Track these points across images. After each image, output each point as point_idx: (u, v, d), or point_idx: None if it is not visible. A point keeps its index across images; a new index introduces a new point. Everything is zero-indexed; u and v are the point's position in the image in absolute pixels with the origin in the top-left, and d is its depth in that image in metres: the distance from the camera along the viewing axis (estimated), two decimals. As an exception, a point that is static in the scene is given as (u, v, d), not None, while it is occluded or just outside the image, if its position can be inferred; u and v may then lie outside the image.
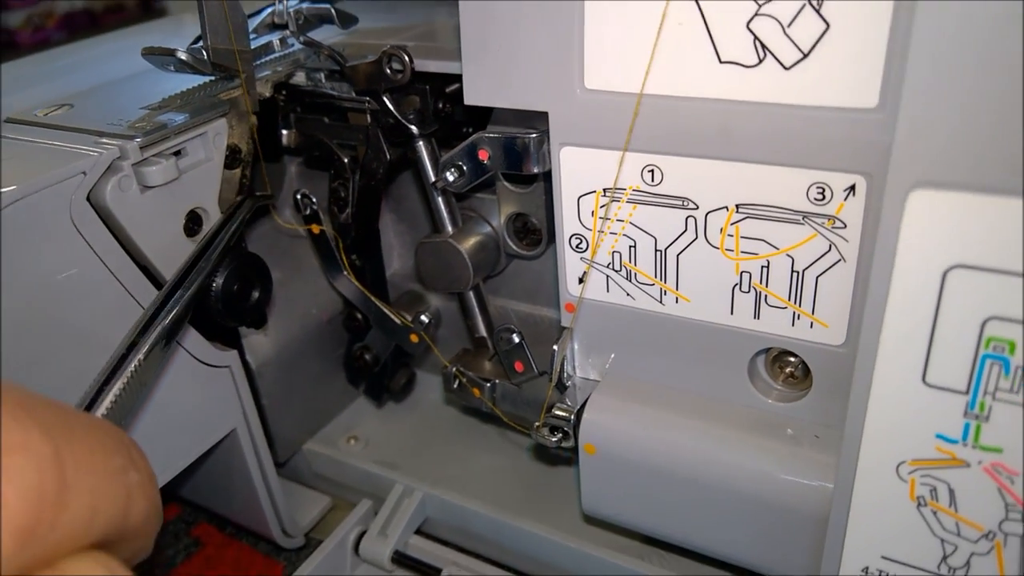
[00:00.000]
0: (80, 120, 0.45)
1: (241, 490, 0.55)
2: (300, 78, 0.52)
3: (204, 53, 0.43)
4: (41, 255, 0.39)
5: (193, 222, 0.45)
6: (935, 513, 0.35)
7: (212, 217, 0.46)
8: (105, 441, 0.20)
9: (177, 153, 0.43)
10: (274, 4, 0.51)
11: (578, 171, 0.42)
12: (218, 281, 0.45)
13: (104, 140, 0.41)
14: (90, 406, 0.36)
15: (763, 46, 0.34)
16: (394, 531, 0.54)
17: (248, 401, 0.51)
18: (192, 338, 0.47)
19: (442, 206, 0.52)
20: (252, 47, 0.47)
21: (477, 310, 0.55)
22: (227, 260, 0.45)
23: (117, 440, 0.21)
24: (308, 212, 0.53)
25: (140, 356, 0.37)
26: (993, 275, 0.30)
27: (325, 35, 0.54)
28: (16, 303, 0.38)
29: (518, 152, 0.45)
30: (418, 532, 0.57)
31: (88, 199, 0.40)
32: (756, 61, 0.35)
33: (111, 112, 0.45)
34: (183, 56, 0.43)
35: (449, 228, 0.52)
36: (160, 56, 0.43)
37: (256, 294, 0.48)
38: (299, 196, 0.53)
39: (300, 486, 0.63)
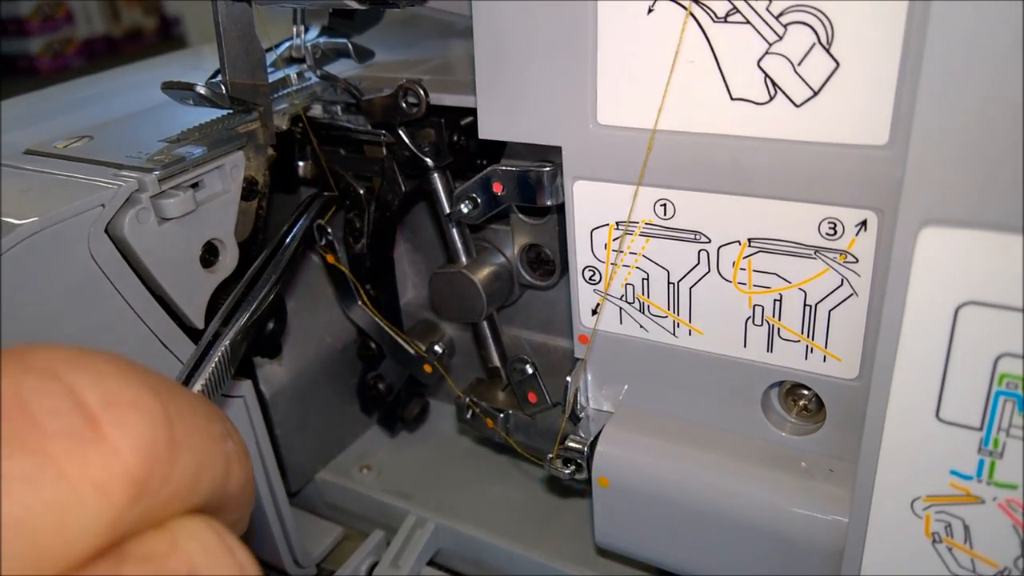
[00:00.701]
0: (100, 152, 0.45)
1: (253, 520, 0.55)
2: (317, 110, 0.53)
3: (223, 87, 0.44)
4: (59, 286, 0.39)
5: (210, 253, 0.45)
6: (950, 550, 0.35)
7: (228, 248, 0.46)
8: (206, 408, 0.21)
9: (195, 185, 0.44)
10: (292, 38, 0.51)
11: (591, 205, 0.42)
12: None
13: (123, 172, 0.42)
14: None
15: (774, 84, 0.35)
16: (406, 562, 0.54)
17: (261, 431, 0.52)
18: (207, 368, 0.47)
19: (456, 237, 0.52)
20: (270, 81, 0.48)
21: (491, 340, 0.55)
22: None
23: (214, 409, 0.22)
24: (324, 242, 0.53)
25: (225, 345, 0.39)
26: (1005, 312, 0.30)
27: (342, 68, 0.55)
28: (34, 334, 0.39)
29: (532, 185, 0.45)
30: (431, 563, 0.57)
31: (106, 231, 0.40)
32: (767, 98, 0.35)
33: (130, 144, 0.46)
34: (202, 90, 0.44)
35: (463, 259, 0.53)
36: (180, 90, 0.44)
37: (271, 325, 0.48)
38: (315, 227, 0.54)
39: (312, 516, 0.63)
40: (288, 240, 0.48)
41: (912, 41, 0.31)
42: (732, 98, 0.36)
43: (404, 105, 0.48)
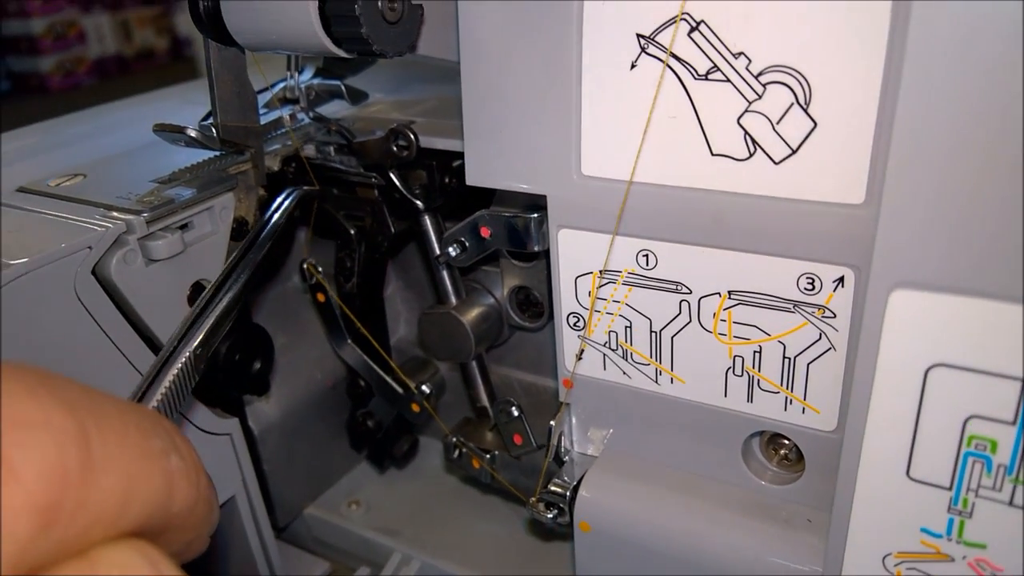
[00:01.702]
0: (91, 192, 0.46)
1: (239, 556, 0.55)
2: (310, 150, 0.53)
3: (213, 130, 0.45)
4: (46, 327, 0.40)
5: (197, 293, 0.46)
6: (922, 607, 0.35)
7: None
8: (141, 422, 0.19)
9: (184, 226, 0.45)
10: (286, 79, 0.52)
11: (576, 253, 0.42)
12: (221, 350, 0.46)
13: (112, 214, 0.42)
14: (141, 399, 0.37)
15: (753, 141, 0.35)
16: (391, 600, 0.54)
17: (248, 468, 0.52)
18: (193, 406, 0.48)
19: (446, 278, 0.53)
20: (262, 122, 0.48)
21: (479, 380, 0.56)
22: (230, 331, 0.46)
23: (154, 422, 0.20)
24: (314, 281, 0.54)
25: (188, 354, 0.38)
26: (974, 375, 0.30)
27: (336, 109, 0.55)
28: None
29: (518, 231, 0.46)
30: (415, 600, 0.57)
31: (93, 272, 0.41)
32: (747, 155, 0.36)
33: (122, 184, 0.46)
34: (193, 133, 0.44)
35: (452, 299, 0.53)
36: (171, 133, 0.45)
37: (258, 364, 0.49)
38: (305, 266, 0.54)
39: (300, 550, 0.63)
40: (262, 236, 0.45)
41: (888, 104, 0.31)
42: (713, 154, 0.36)
43: (395, 148, 0.49)
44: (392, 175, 0.50)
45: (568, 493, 0.46)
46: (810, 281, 0.36)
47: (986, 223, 0.29)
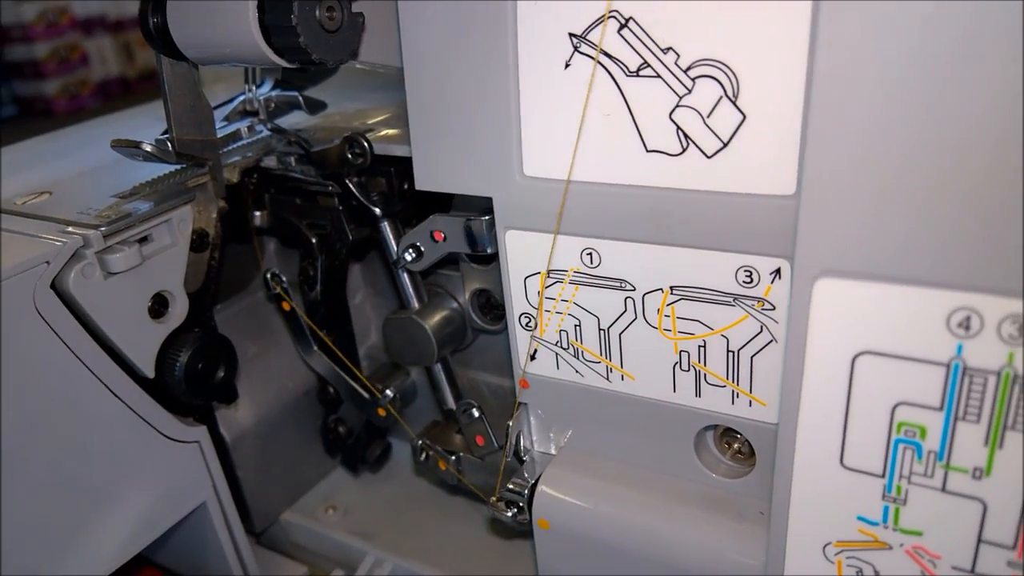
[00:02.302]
0: (54, 209, 0.47)
1: (215, 560, 0.55)
2: (272, 161, 0.54)
3: (169, 144, 0.46)
4: (8, 341, 0.40)
5: (159, 304, 0.47)
6: (864, 595, 0.35)
7: (178, 299, 0.47)
8: None
9: (143, 239, 0.45)
10: (245, 92, 0.53)
11: (523, 253, 0.43)
12: (182, 360, 0.47)
13: (70, 229, 0.43)
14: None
15: (686, 136, 0.36)
16: (363, 602, 0.55)
17: (218, 475, 0.52)
18: (158, 415, 0.48)
19: (407, 283, 0.53)
20: (221, 135, 0.49)
21: (445, 383, 0.56)
22: (192, 341, 0.47)
23: None
24: (278, 290, 0.55)
25: None
26: (900, 361, 0.31)
27: (298, 120, 0.56)
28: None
29: (472, 234, 0.46)
30: (389, 603, 0.57)
31: (53, 286, 0.42)
32: (680, 150, 0.36)
33: (84, 200, 0.47)
34: (148, 148, 0.45)
35: (415, 304, 0.53)
36: (127, 148, 0.46)
37: (221, 373, 0.49)
38: (269, 275, 0.55)
39: (278, 555, 0.63)
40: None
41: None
42: (647, 150, 0.37)
43: (350, 156, 0.49)
44: (349, 183, 0.50)
45: (526, 491, 0.47)
46: (748, 274, 0.37)
47: (905, 211, 0.29)
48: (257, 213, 0.55)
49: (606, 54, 0.36)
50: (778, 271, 0.36)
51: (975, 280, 0.28)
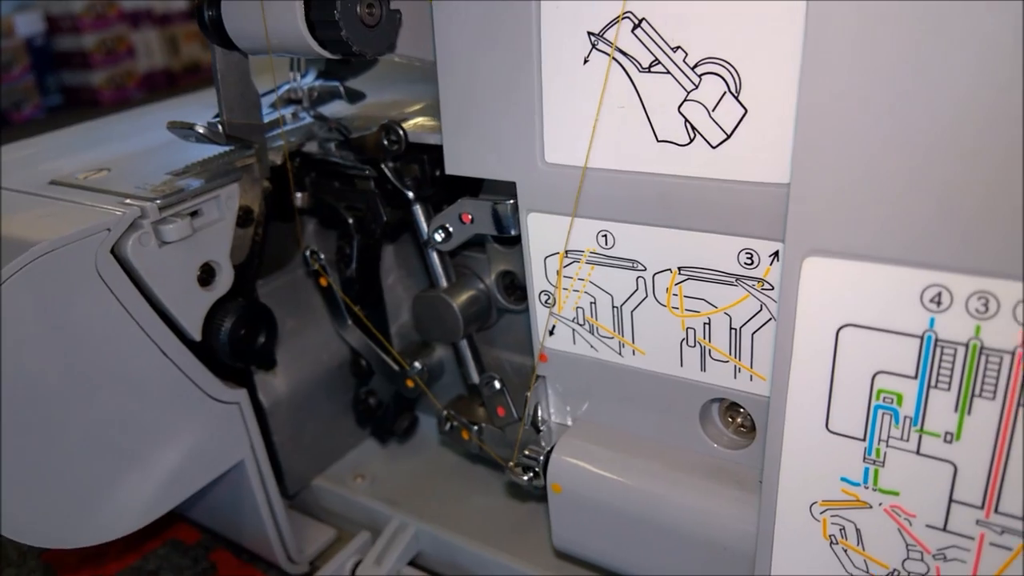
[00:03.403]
0: (113, 183, 0.51)
1: (250, 518, 0.60)
2: (313, 147, 0.58)
3: (220, 127, 0.50)
4: (72, 301, 0.45)
5: (207, 273, 0.51)
6: (846, 551, 0.38)
7: (224, 269, 0.51)
8: None
9: (194, 213, 0.49)
10: (290, 82, 0.57)
11: (543, 234, 0.46)
12: (226, 325, 0.51)
13: (129, 201, 0.47)
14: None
15: (693, 127, 0.39)
16: (387, 561, 0.58)
17: (256, 436, 0.57)
18: (203, 376, 0.52)
19: (436, 263, 0.57)
20: (266, 120, 0.53)
21: (470, 359, 0.59)
22: (236, 308, 0.51)
23: None
24: (316, 267, 0.58)
25: None
26: (879, 333, 0.34)
27: (338, 109, 0.60)
28: (49, 344, 0.44)
29: (498, 217, 0.49)
30: (412, 564, 0.61)
31: (113, 252, 0.46)
32: (687, 140, 0.39)
33: (141, 177, 0.51)
34: (201, 130, 0.49)
35: (443, 283, 0.57)
36: (182, 129, 0.50)
37: (262, 339, 0.53)
38: (308, 253, 0.59)
39: (309, 518, 0.68)
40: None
41: (805, 91, 0.35)
42: (658, 140, 0.40)
43: (386, 143, 0.53)
44: (385, 168, 0.54)
45: (542, 457, 0.50)
46: (749, 256, 0.40)
47: (883, 199, 0.32)
48: (299, 194, 0.59)
49: (621, 51, 0.39)
50: (776, 253, 0.39)
51: (945, 260, 0.31)
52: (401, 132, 0.52)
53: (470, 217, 0.51)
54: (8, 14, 2.57)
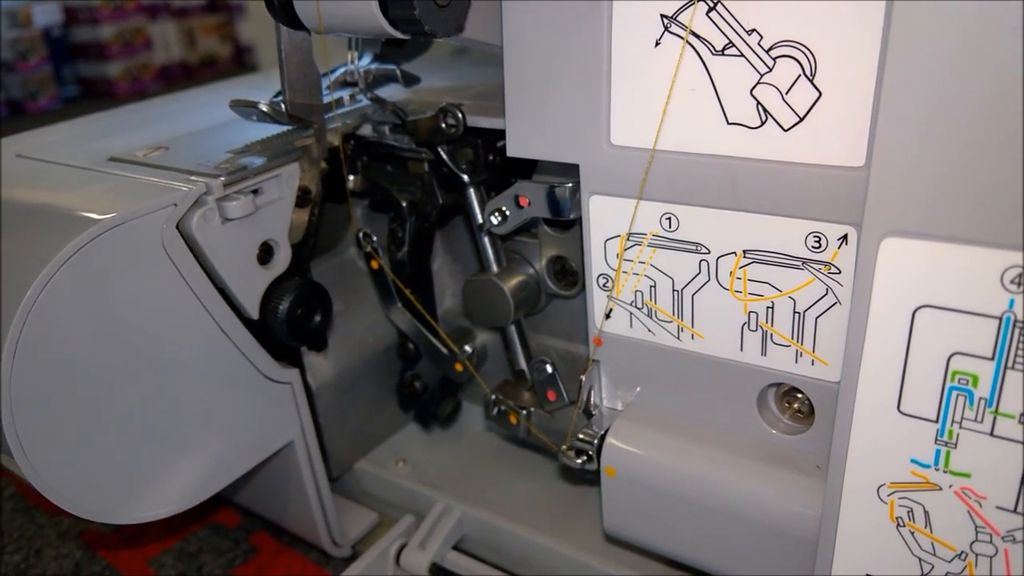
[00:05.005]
0: (174, 161, 0.52)
1: (296, 500, 0.60)
2: (367, 130, 0.58)
3: (283, 106, 0.50)
4: (137, 273, 0.45)
5: (266, 252, 0.51)
6: (912, 533, 0.38)
7: (283, 248, 0.52)
8: None
9: (255, 191, 0.50)
10: (347, 64, 0.57)
11: (605, 217, 0.47)
12: (284, 305, 0.51)
13: (193, 178, 0.48)
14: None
15: (765, 110, 0.39)
16: (432, 545, 0.59)
17: (306, 417, 0.57)
18: (258, 354, 0.53)
19: (488, 247, 0.57)
20: (324, 102, 0.54)
21: (518, 344, 0.60)
22: (293, 287, 0.52)
23: None
24: (368, 249, 0.59)
25: None
26: (956, 314, 0.34)
27: (391, 93, 0.60)
28: (117, 311, 0.45)
29: (554, 199, 0.50)
30: (456, 548, 0.61)
31: (177, 227, 0.46)
32: (759, 123, 0.39)
33: (201, 155, 0.52)
34: (264, 108, 0.50)
35: (494, 267, 0.57)
36: (244, 107, 0.50)
37: (317, 318, 0.54)
38: (361, 235, 0.59)
39: (350, 501, 0.68)
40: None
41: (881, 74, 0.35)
42: (728, 122, 0.40)
43: (444, 126, 0.53)
44: (441, 151, 0.54)
45: (596, 441, 0.50)
46: (817, 240, 0.40)
47: (963, 180, 0.32)
48: (351, 177, 0.60)
49: (695, 34, 0.39)
50: (845, 237, 0.39)
51: (1029, 240, 0.31)
52: (460, 115, 0.52)
53: (527, 200, 0.51)
54: (26, 4, 2.59)
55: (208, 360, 0.51)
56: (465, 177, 0.55)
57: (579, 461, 0.51)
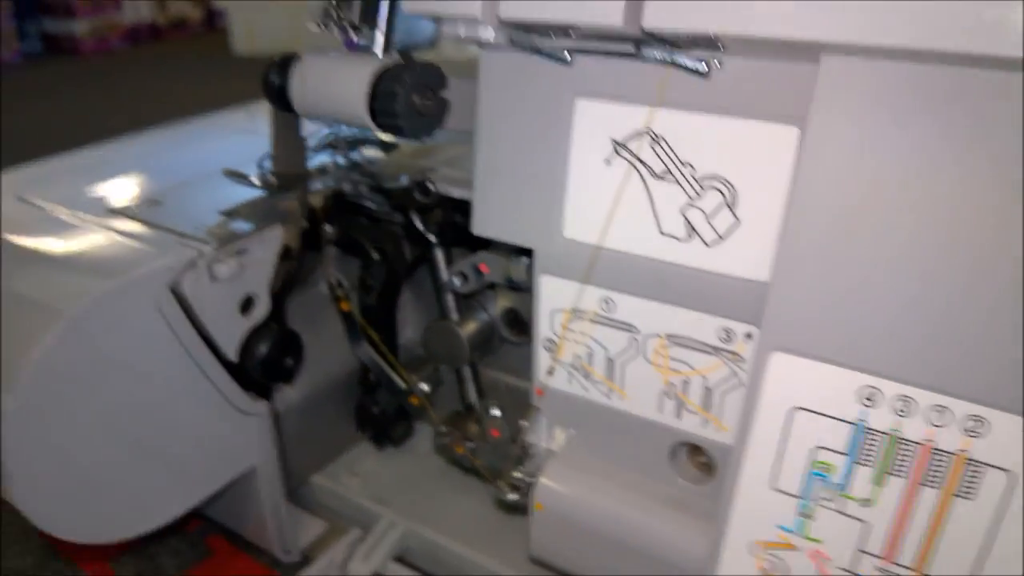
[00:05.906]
0: (168, 219, 0.57)
1: (253, 512, 0.66)
2: (347, 187, 0.65)
3: (271, 177, 0.57)
4: (131, 328, 0.50)
5: (247, 303, 0.57)
6: (778, 583, 0.47)
7: (263, 299, 0.58)
8: None
9: (241, 252, 0.56)
10: (331, 128, 0.64)
11: (554, 294, 0.54)
12: (261, 350, 0.58)
13: (188, 241, 0.54)
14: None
15: (692, 228, 0.47)
16: (376, 557, 0.66)
17: (271, 444, 0.64)
18: (234, 391, 0.59)
19: (449, 299, 0.65)
20: (309, 167, 0.60)
21: (470, 382, 0.68)
22: (270, 334, 0.58)
23: None
24: (337, 294, 0.66)
25: None
26: (822, 417, 0.43)
27: (372, 152, 0.67)
28: (105, 367, 0.50)
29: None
30: (398, 560, 0.69)
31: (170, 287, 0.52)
32: (686, 236, 0.47)
33: (194, 214, 0.57)
34: (255, 180, 0.56)
35: (454, 315, 0.65)
36: (238, 177, 0.57)
37: (290, 361, 0.61)
38: (335, 281, 0.66)
39: (303, 511, 0.75)
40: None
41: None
42: (662, 233, 0.48)
43: (417, 196, 0.60)
44: (413, 216, 0.62)
45: (529, 480, 0.58)
46: (726, 333, 0.48)
47: (836, 314, 0.41)
48: (327, 227, 0.66)
49: (640, 160, 0.48)
50: (748, 334, 0.48)
51: (879, 368, 0.40)
52: (431, 188, 0.59)
53: (488, 269, 0.59)
54: (-8, -41, 2.50)
55: (188, 399, 0.56)
56: (432, 238, 0.62)
57: (512, 497, 0.59)
